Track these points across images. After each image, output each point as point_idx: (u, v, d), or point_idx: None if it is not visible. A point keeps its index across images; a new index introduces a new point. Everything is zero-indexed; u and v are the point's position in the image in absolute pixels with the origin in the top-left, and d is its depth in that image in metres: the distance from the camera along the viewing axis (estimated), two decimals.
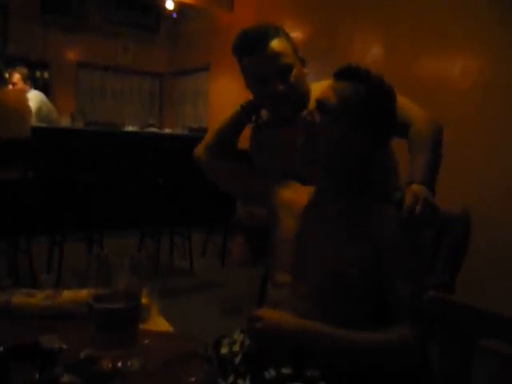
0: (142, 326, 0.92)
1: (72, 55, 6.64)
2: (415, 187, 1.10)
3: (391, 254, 1.00)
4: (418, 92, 3.30)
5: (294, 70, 1.27)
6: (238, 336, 1.12)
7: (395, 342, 0.96)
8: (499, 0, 2.84)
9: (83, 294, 0.97)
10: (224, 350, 1.10)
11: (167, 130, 5.96)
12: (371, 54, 3.69)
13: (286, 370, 0.96)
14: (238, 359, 1.05)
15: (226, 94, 5.90)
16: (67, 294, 1.03)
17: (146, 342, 0.86)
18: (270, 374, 0.96)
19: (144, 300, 0.98)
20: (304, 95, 1.32)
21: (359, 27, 3.87)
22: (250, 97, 1.45)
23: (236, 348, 1.09)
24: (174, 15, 6.17)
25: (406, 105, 1.28)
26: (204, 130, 6.17)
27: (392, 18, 3.54)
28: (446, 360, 0.95)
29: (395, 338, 0.96)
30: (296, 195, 1.17)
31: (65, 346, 0.80)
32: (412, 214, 1.01)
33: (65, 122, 5.16)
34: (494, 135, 2.84)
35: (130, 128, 5.37)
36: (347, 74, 1.04)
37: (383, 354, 0.97)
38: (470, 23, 3.00)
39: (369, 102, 1.02)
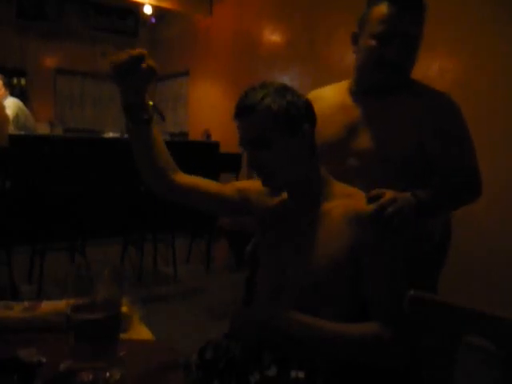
0: (123, 336, 0.90)
1: (49, 62, 6.56)
2: (404, 194, 1.14)
3: (367, 254, 1.01)
4: None
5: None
6: (223, 341, 1.11)
7: (369, 337, 0.97)
8: (475, 3, 2.89)
9: (62, 305, 0.95)
10: (208, 356, 1.09)
11: None
12: (349, 56, 3.72)
13: (270, 373, 0.96)
14: (222, 364, 1.05)
15: (206, 98, 5.89)
16: (46, 306, 1.01)
17: (127, 352, 0.84)
18: (255, 377, 0.96)
19: (125, 309, 0.96)
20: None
21: (337, 30, 3.90)
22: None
23: (220, 353, 1.08)
24: (153, 20, 6.15)
25: (470, 149, 1.39)
26: (185, 135, 6.16)
27: None
28: (429, 358, 0.96)
29: (369, 334, 0.97)
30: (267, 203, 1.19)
31: (44, 359, 0.78)
32: (380, 212, 1.04)
33: (43, 129, 5.09)
34: (473, 138, 2.88)
35: (110, 134, 5.32)
36: (245, 107, 1.05)
37: (356, 348, 0.98)
38: (447, 26, 3.04)
39: (280, 106, 1.03)
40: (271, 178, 1.07)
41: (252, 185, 1.24)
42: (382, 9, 1.29)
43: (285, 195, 1.18)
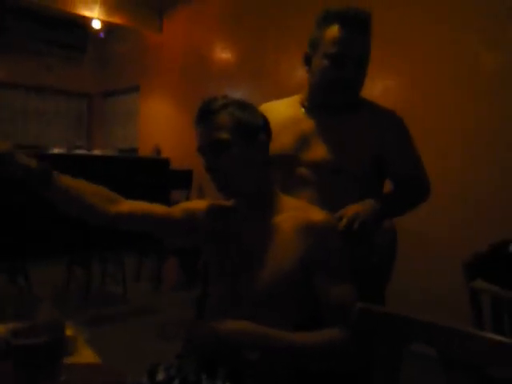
0: (67, 359, 0.86)
1: None
2: (363, 205, 1.25)
3: (320, 263, 1.04)
4: None
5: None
6: (174, 360, 1.09)
7: (325, 343, 0.98)
8: (418, 21, 3.05)
9: (1, 330, 0.90)
10: (160, 377, 1.07)
11: (96, 152, 5.77)
12: (299, 74, 3.81)
13: None
14: (175, 383, 1.03)
15: (156, 114, 5.84)
16: None
17: (70, 376, 0.80)
18: None
19: (69, 332, 0.92)
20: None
21: (287, 50, 3.99)
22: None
23: (173, 372, 1.06)
24: (102, 35, 6.04)
25: (418, 158, 1.51)
26: (135, 151, 6.06)
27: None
28: (377, 366, 0.98)
29: (325, 339, 0.99)
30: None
31: None
32: (348, 228, 1.15)
33: None
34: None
35: (55, 150, 5.14)
36: (208, 111, 1.08)
37: (314, 354, 0.99)
38: (390, 46, 3.20)
39: (242, 115, 1.09)
40: (226, 183, 1.09)
41: (198, 204, 1.25)
42: (335, 31, 1.34)
43: (233, 209, 1.18)
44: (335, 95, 1.38)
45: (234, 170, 1.07)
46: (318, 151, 1.38)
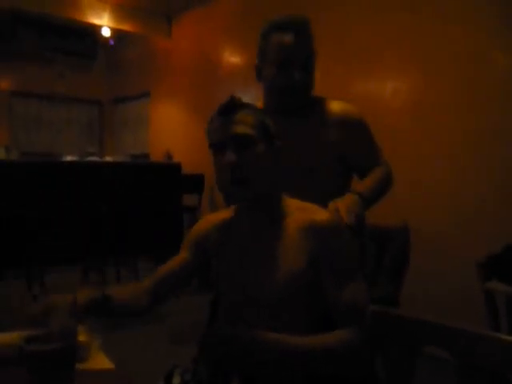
0: (81, 366, 0.87)
1: (4, 84, 6.38)
2: (349, 198, 1.28)
3: (328, 262, 1.03)
4: None
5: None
6: (190, 365, 1.10)
7: (336, 345, 0.97)
8: (430, 22, 3.03)
9: (15, 336, 0.91)
10: (176, 381, 1.08)
11: (108, 158, 5.82)
12: None
13: None
14: None
15: (166, 119, 5.87)
16: None
17: (83, 382, 0.81)
18: None
19: (82, 338, 0.93)
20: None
21: None
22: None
23: (188, 377, 1.07)
24: (111, 42, 6.11)
25: (378, 148, 1.57)
26: (146, 156, 6.10)
27: (323, 43, 3.68)
28: (389, 369, 0.97)
29: (336, 341, 0.97)
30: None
31: None
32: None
33: None
34: (425, 150, 3.00)
35: (68, 158, 5.20)
36: (234, 106, 1.08)
37: (324, 357, 0.97)
38: (400, 47, 3.18)
39: (265, 116, 1.11)
40: (245, 181, 1.06)
41: (197, 228, 1.25)
42: (278, 38, 1.41)
43: (235, 213, 1.18)
44: (287, 100, 1.43)
45: (255, 167, 1.06)
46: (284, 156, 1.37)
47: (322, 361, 0.97)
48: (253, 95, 4.72)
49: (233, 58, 4.82)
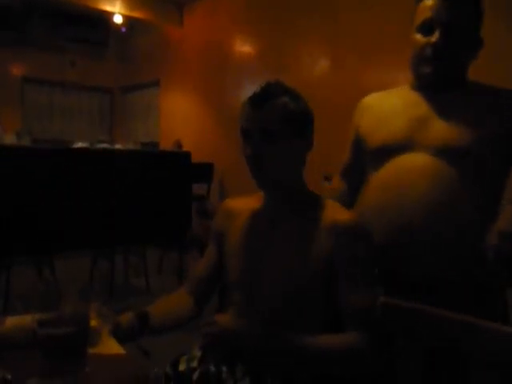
0: (92, 350, 0.88)
1: (17, 70, 6.41)
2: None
3: (344, 263, 1.02)
4: None
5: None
6: (197, 352, 1.11)
7: (346, 349, 0.97)
8: None
9: (28, 319, 0.93)
10: (182, 367, 1.09)
11: (118, 146, 5.84)
12: (319, 68, 3.78)
13: (244, 383, 0.95)
14: (196, 375, 1.04)
15: (176, 108, 5.87)
16: (11, 321, 0.98)
17: (95, 366, 0.82)
18: None
19: (94, 323, 0.94)
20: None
21: (307, 43, 3.96)
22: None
23: (194, 364, 1.07)
24: (123, 30, 6.10)
25: None
26: (156, 145, 6.11)
27: (338, 34, 3.65)
28: (401, 363, 0.97)
29: (342, 343, 0.97)
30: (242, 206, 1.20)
31: (9, 376, 0.75)
32: (499, 255, 0.98)
33: (10, 139, 4.95)
34: None
35: (79, 144, 5.22)
36: (264, 96, 1.06)
37: (334, 360, 0.98)
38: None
39: (296, 107, 1.07)
40: (266, 173, 1.06)
41: (218, 217, 1.26)
42: (427, 2, 1.23)
43: (259, 200, 1.18)
44: (424, 65, 1.23)
45: (277, 161, 1.05)
46: (440, 132, 1.18)
47: (324, 360, 0.97)
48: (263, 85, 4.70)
49: (243, 48, 4.80)
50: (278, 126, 1.04)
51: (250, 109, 1.06)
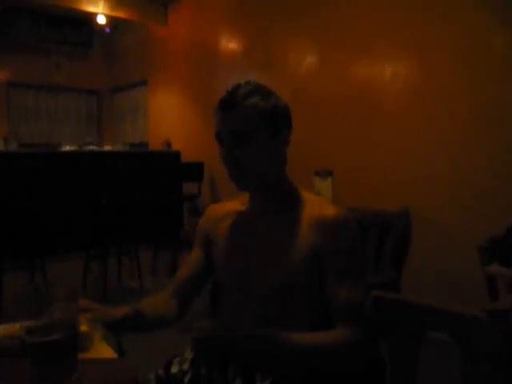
0: (83, 355, 0.87)
1: (1, 75, 6.34)
2: None
3: (330, 258, 1.02)
4: (351, 96, 3.42)
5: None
6: (189, 354, 1.10)
7: (336, 344, 0.96)
8: (425, 9, 2.99)
9: (16, 327, 0.91)
10: (174, 370, 1.08)
11: (107, 148, 5.80)
12: (306, 64, 3.77)
13: None
14: (187, 377, 1.03)
15: (165, 107, 5.84)
16: None
17: (85, 371, 0.81)
18: None
19: (84, 327, 0.93)
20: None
21: (293, 38, 3.95)
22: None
23: (186, 366, 1.07)
24: (107, 30, 6.04)
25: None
26: (145, 145, 6.08)
27: (325, 29, 3.64)
28: (393, 356, 0.97)
29: (336, 340, 0.96)
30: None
31: None
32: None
33: None
34: (425, 134, 2.98)
35: (67, 148, 5.17)
36: (232, 99, 1.04)
37: (324, 357, 0.97)
38: (399, 32, 3.14)
39: (266, 105, 1.05)
40: (244, 175, 1.05)
41: (203, 221, 1.24)
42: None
43: (243, 202, 1.17)
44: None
45: (253, 163, 1.04)
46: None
47: (314, 359, 0.96)
48: (254, 78, 4.69)
49: (230, 45, 4.78)
50: (248, 127, 1.02)
51: (219, 113, 1.05)
